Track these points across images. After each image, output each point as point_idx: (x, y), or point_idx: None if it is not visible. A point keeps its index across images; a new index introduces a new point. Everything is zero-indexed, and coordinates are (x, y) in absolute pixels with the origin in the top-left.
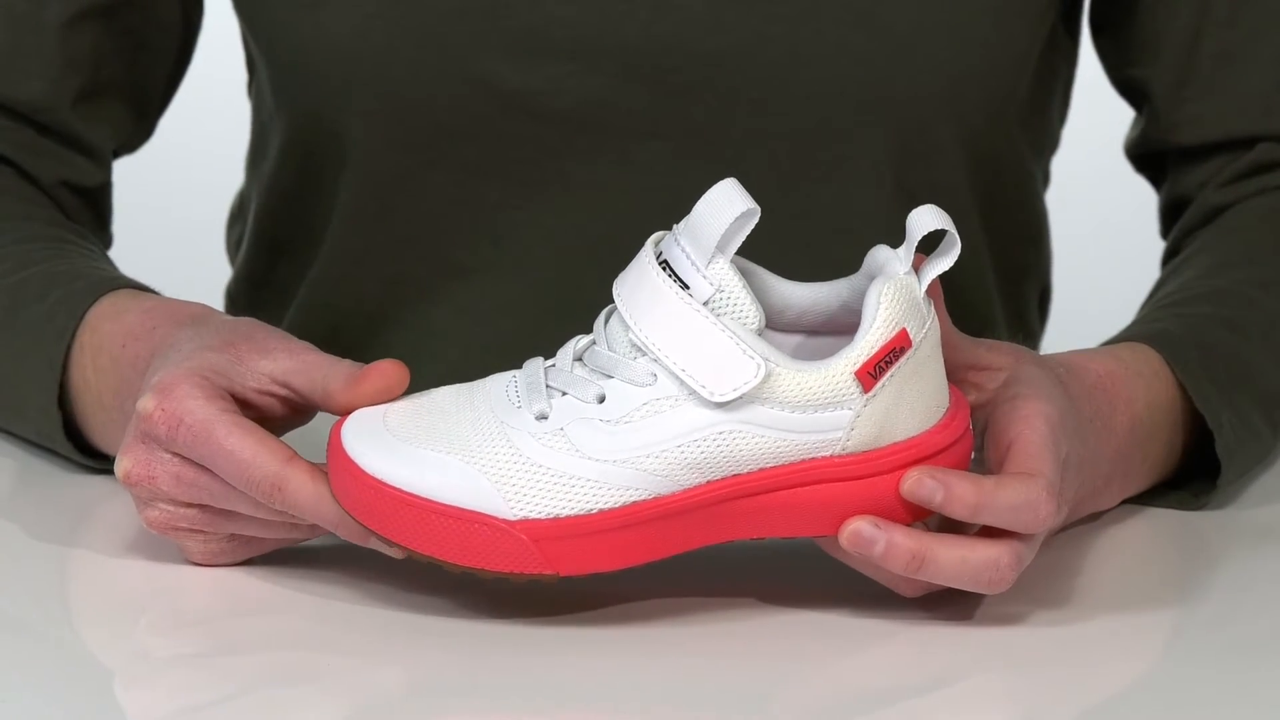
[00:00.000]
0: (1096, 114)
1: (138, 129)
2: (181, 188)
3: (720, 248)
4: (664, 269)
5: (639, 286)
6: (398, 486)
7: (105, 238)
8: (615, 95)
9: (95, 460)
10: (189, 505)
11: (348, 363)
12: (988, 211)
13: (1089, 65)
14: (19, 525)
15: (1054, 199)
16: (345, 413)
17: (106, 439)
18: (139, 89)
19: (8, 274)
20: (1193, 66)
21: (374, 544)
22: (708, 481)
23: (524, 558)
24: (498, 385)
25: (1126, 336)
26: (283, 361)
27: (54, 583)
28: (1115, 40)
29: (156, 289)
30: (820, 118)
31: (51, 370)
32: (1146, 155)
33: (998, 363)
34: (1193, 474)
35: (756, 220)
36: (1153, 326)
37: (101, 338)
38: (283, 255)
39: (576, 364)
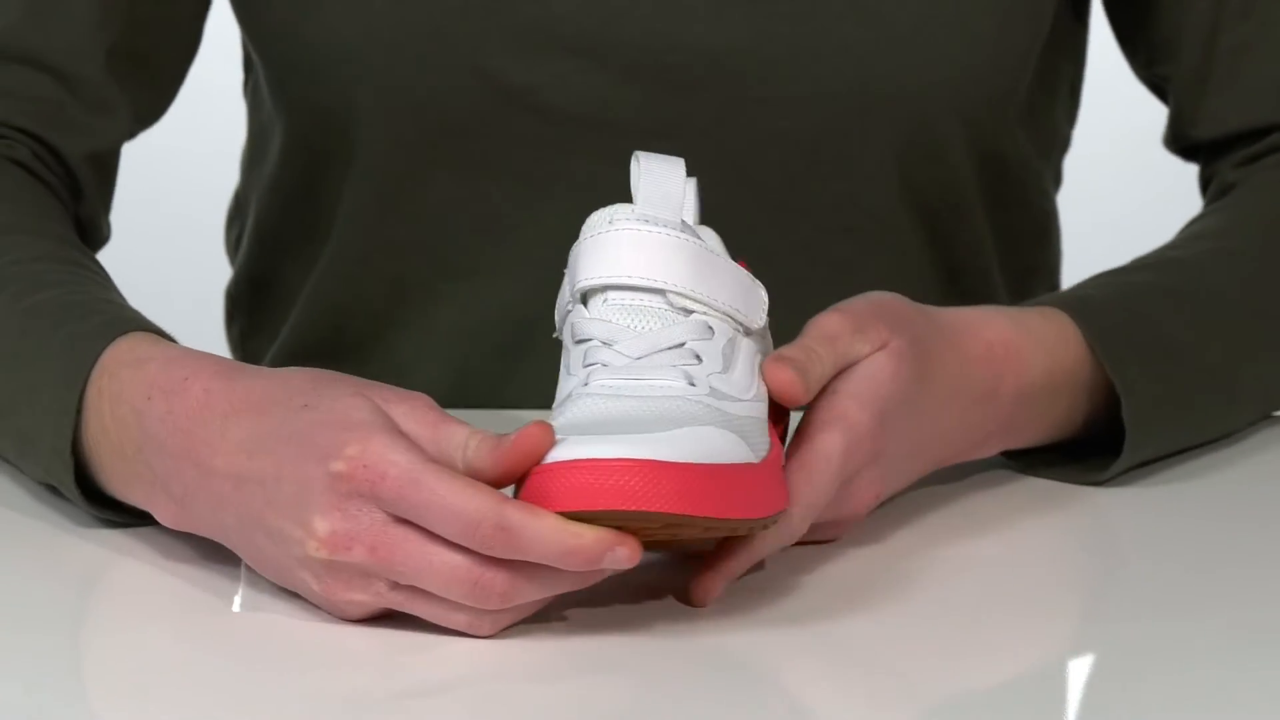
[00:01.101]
0: (1107, 114)
1: (154, 103)
2: (180, 188)
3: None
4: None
5: (639, 250)
6: (650, 458)
7: (106, 221)
8: (619, 93)
9: (102, 510)
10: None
11: (484, 434)
12: (993, 209)
13: (1099, 66)
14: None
15: (1064, 198)
16: (494, 484)
17: (129, 491)
18: (159, 61)
19: (21, 296)
20: (1210, 61)
21: (607, 562)
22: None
23: (776, 496)
24: (650, 388)
25: (1049, 300)
26: (410, 426)
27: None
28: (1137, 42)
29: (160, 295)
30: (824, 115)
31: (66, 415)
32: (1182, 149)
33: (865, 353)
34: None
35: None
36: (1078, 292)
37: (121, 385)
38: (285, 255)
39: (657, 355)
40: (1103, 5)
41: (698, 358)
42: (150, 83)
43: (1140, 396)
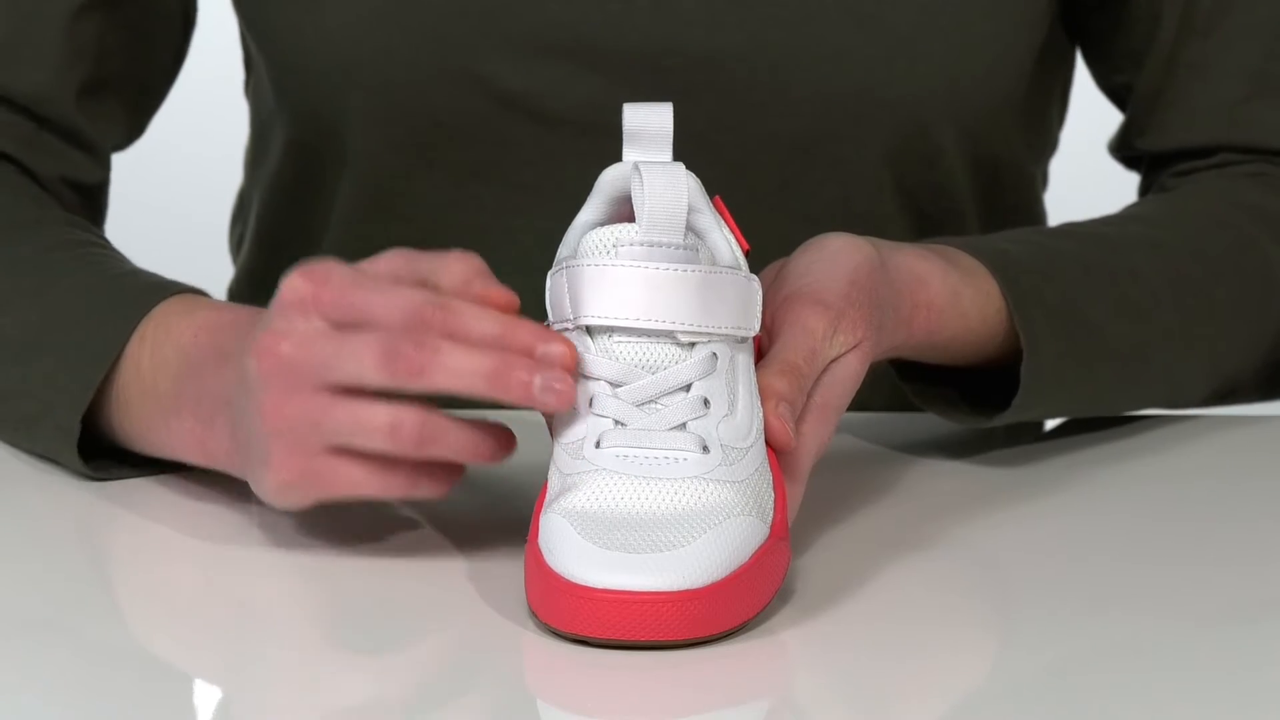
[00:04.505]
0: (1095, 116)
1: (133, 125)
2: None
3: (689, 222)
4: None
5: (646, 289)
6: (682, 588)
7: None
8: (614, 97)
9: (86, 464)
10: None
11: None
12: (987, 213)
13: (1085, 68)
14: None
15: (1052, 200)
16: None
17: (149, 429)
18: (138, 84)
19: (42, 289)
20: (1169, 76)
21: (540, 354)
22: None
23: (782, 561)
24: (655, 467)
25: (979, 251)
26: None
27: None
28: (1101, 49)
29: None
30: (820, 119)
31: (101, 359)
32: (1125, 158)
33: (838, 354)
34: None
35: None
36: (999, 244)
37: (169, 331)
38: (283, 254)
39: (667, 398)
40: (1071, 12)
41: (705, 403)
42: (127, 109)
43: (1041, 355)
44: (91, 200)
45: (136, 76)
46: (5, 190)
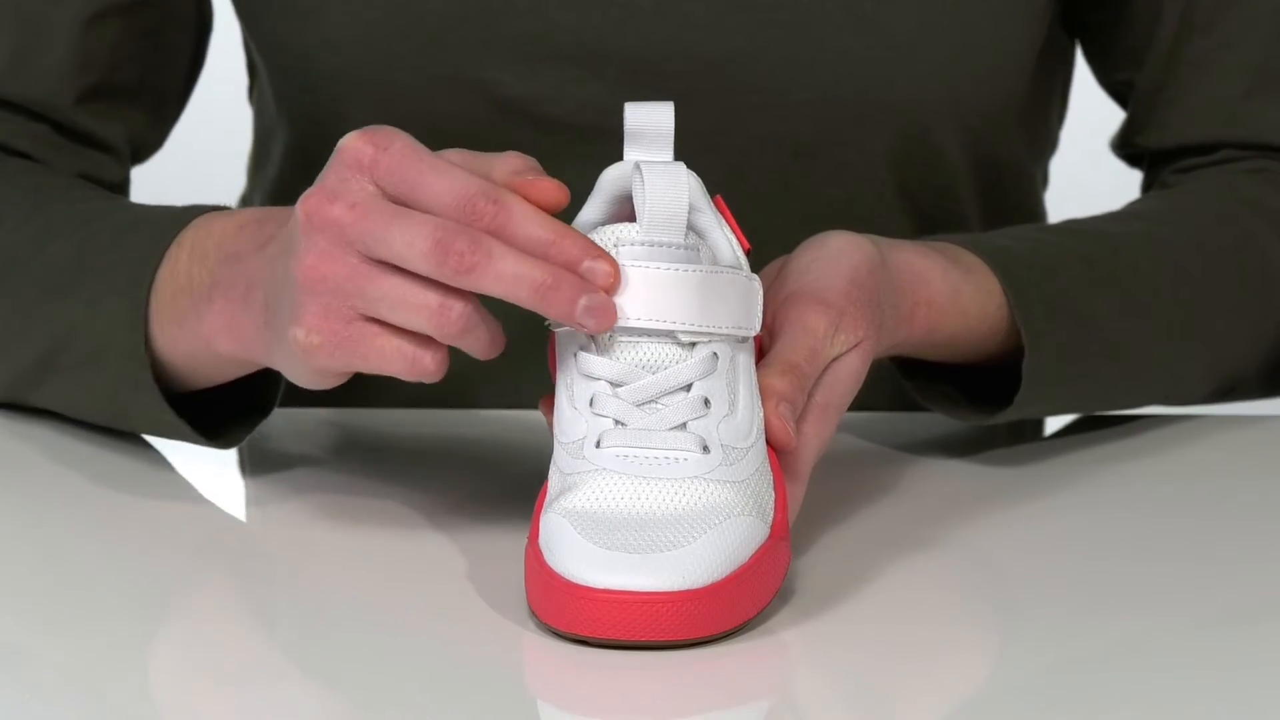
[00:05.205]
0: (1094, 115)
1: (153, 130)
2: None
3: (690, 222)
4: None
5: (648, 289)
6: (684, 588)
7: None
8: (616, 101)
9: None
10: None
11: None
12: (989, 214)
13: (1085, 67)
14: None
15: (1052, 199)
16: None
17: (179, 321)
18: (155, 89)
19: (75, 231)
20: (1170, 73)
21: (584, 270)
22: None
23: (783, 560)
24: (656, 467)
25: (981, 249)
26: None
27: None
28: (1102, 46)
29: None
30: (821, 121)
31: (149, 261)
32: (1126, 155)
33: (839, 353)
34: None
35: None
36: (999, 242)
37: (210, 230)
38: None
39: (667, 398)
40: (1071, 9)
41: (706, 403)
42: (144, 114)
43: (1042, 352)
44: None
45: (153, 82)
46: (31, 169)
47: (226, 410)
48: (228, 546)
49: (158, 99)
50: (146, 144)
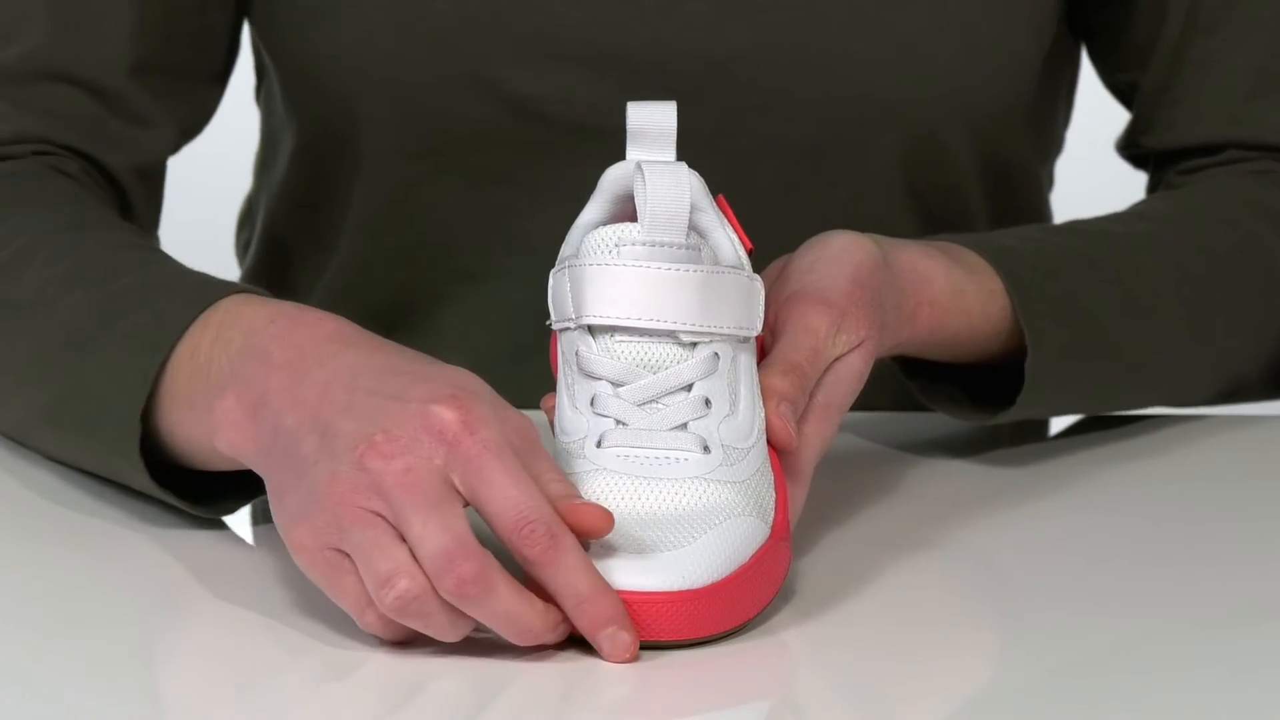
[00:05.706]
0: (1100, 116)
1: (197, 112)
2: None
3: (691, 222)
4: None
5: (648, 288)
6: (685, 588)
7: (156, 234)
8: (622, 101)
9: (162, 489)
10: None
11: (561, 477)
12: (997, 215)
13: (1090, 66)
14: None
15: (1057, 200)
16: None
17: (188, 408)
18: (200, 70)
19: (104, 281)
20: (1175, 73)
21: (604, 639)
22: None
23: (783, 560)
24: (648, 467)
25: (984, 249)
26: None
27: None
28: (1107, 46)
29: None
30: (828, 123)
31: (154, 354)
32: (1131, 156)
33: (841, 353)
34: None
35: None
36: (1004, 242)
37: (239, 316)
38: (293, 260)
39: (669, 398)
40: (1077, 9)
41: (707, 403)
42: (189, 95)
43: (1045, 352)
44: (154, 189)
45: (199, 63)
46: (74, 198)
47: (221, 478)
48: (226, 547)
49: (203, 78)
50: (190, 126)
